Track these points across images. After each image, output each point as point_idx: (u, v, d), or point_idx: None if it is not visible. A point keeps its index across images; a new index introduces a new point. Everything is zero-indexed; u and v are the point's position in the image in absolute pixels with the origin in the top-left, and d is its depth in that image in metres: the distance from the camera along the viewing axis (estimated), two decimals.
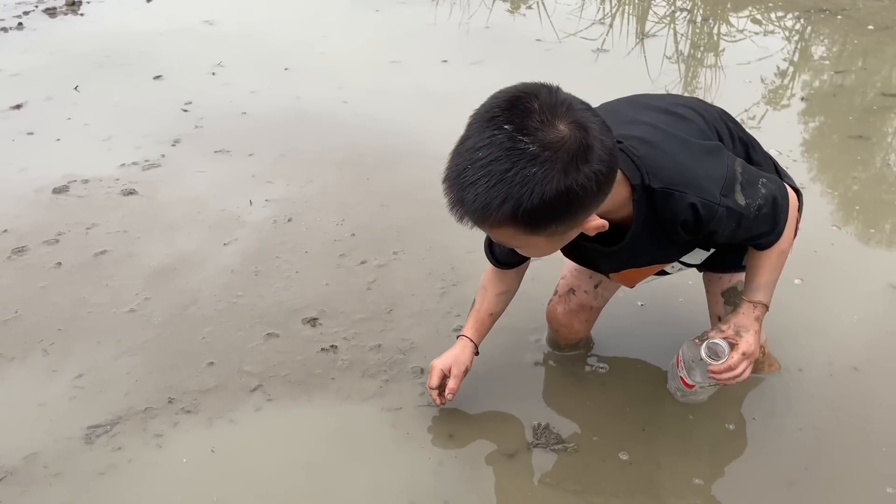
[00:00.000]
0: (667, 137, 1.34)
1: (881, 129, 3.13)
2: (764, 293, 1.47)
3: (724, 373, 1.42)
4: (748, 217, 1.33)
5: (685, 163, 1.31)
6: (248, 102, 3.34)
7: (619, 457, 1.64)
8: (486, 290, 1.69)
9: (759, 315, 1.46)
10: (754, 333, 1.44)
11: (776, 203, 1.37)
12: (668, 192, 1.27)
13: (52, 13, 4.54)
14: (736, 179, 1.31)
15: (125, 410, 1.77)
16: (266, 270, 2.26)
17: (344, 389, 1.83)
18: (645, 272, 1.55)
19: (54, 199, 2.63)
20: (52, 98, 3.41)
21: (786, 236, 1.43)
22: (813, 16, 4.40)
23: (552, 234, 1.14)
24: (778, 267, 1.47)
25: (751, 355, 1.43)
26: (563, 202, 1.07)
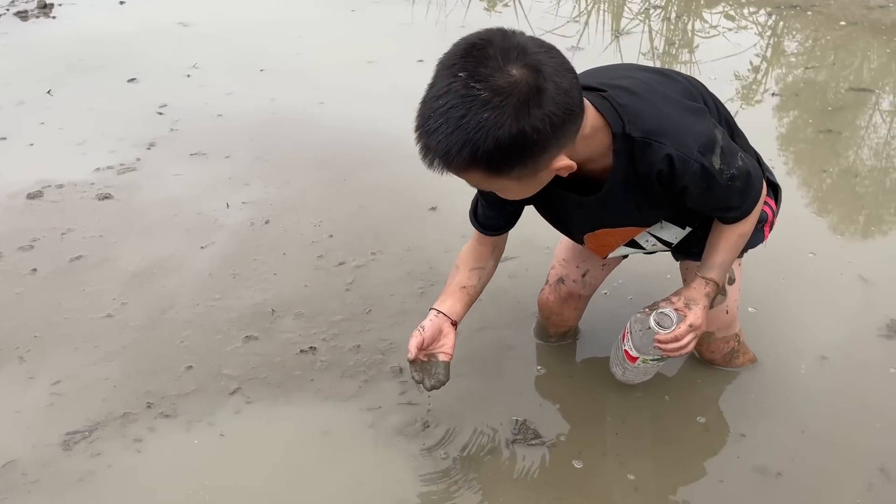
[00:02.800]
0: (652, 90, 1.37)
1: (852, 123, 3.19)
2: (717, 272, 1.48)
3: (671, 343, 1.43)
4: (720, 183, 1.33)
5: (667, 115, 1.32)
6: (224, 104, 3.32)
7: (597, 452, 1.66)
8: (458, 267, 1.64)
9: (710, 292, 1.47)
10: (703, 308, 1.45)
11: (749, 180, 1.38)
12: (647, 141, 1.29)
13: (23, 16, 4.48)
14: (716, 142, 1.32)
15: (103, 416, 1.77)
16: (244, 273, 2.26)
17: (323, 390, 1.83)
18: (617, 236, 1.54)
19: (28, 205, 2.60)
20: (24, 102, 3.37)
21: (750, 219, 1.45)
22: (784, 11, 4.46)
23: (520, 176, 1.19)
24: (735, 248, 1.49)
25: (697, 328, 1.44)
26: (518, 145, 1.11)
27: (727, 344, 1.77)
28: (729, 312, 1.70)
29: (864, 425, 1.72)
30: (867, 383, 1.83)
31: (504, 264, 2.24)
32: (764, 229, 1.64)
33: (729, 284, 1.65)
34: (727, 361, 1.81)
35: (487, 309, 2.08)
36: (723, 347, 1.78)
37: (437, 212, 2.53)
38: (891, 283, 2.16)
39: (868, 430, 1.70)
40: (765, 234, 1.65)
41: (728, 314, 1.71)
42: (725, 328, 1.74)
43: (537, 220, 1.74)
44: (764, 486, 1.58)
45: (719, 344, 1.77)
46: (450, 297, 1.61)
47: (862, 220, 2.55)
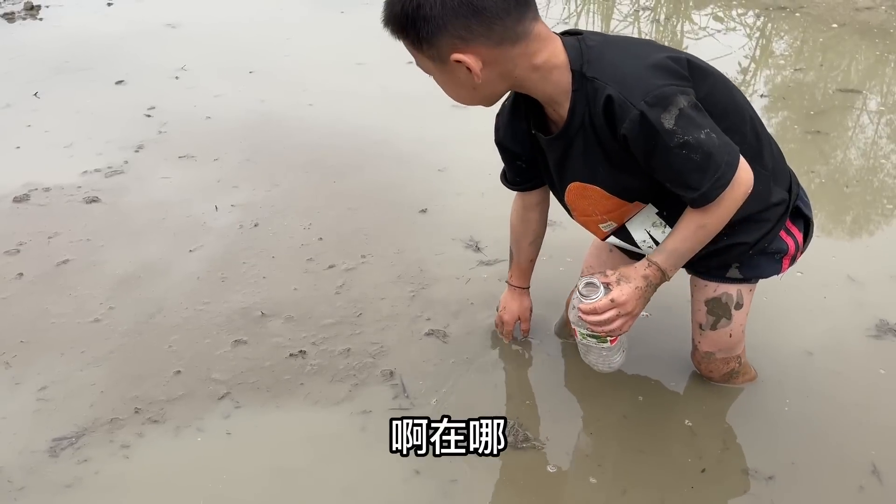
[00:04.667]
0: (627, 43, 1.39)
1: (840, 124, 3.21)
2: (665, 258, 1.42)
3: (590, 315, 1.40)
4: (668, 145, 1.27)
5: (626, 64, 1.31)
6: (213, 106, 3.31)
7: (587, 455, 1.66)
8: (519, 243, 1.81)
9: (650, 275, 1.41)
10: (634, 288, 1.40)
11: (711, 159, 1.29)
12: (596, 81, 1.31)
13: (10, 18, 4.45)
14: (674, 104, 1.26)
15: (91, 422, 1.75)
16: (233, 276, 2.24)
17: (313, 394, 1.82)
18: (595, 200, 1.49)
19: (14, 209, 2.58)
20: (11, 105, 3.35)
21: (714, 212, 1.35)
22: (773, 13, 4.49)
23: (433, 57, 1.30)
24: (692, 239, 1.40)
25: (620, 305, 1.39)
26: (416, 12, 1.25)
27: (727, 365, 1.73)
28: (732, 336, 1.66)
29: (855, 427, 1.72)
30: (856, 384, 1.84)
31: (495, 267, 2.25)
32: (783, 261, 1.58)
33: (735, 309, 1.62)
34: (726, 380, 1.78)
35: (479, 311, 2.08)
36: (721, 367, 1.73)
37: (428, 214, 2.52)
38: (879, 283, 2.17)
39: (858, 432, 1.71)
40: (783, 265, 1.59)
41: (731, 338, 1.66)
42: (727, 350, 1.70)
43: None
44: (756, 489, 1.58)
45: (718, 364, 1.73)
46: (525, 273, 1.87)
47: (850, 221, 2.56)
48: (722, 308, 1.62)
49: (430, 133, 2.99)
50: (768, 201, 1.49)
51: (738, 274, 1.58)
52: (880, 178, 2.86)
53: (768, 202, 1.49)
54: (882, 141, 3.11)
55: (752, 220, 1.49)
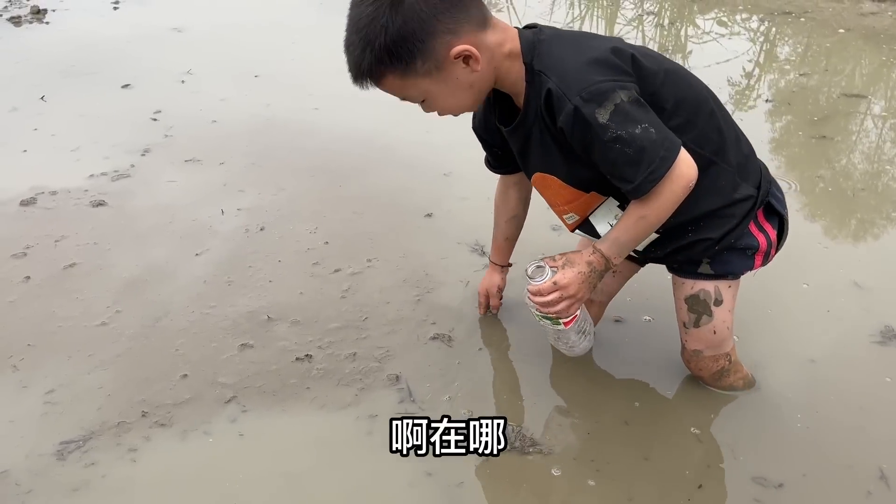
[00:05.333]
0: (576, 38, 1.46)
1: (844, 129, 3.20)
2: (608, 246, 1.46)
3: (536, 296, 1.47)
4: (601, 139, 1.32)
5: (569, 59, 1.37)
6: (219, 110, 3.32)
7: (593, 460, 1.66)
8: (498, 218, 1.88)
9: (593, 262, 1.46)
10: (577, 273, 1.45)
11: (644, 154, 1.32)
12: (541, 74, 1.37)
13: (16, 22, 4.47)
14: (609, 99, 1.31)
15: (98, 425, 1.75)
16: (239, 280, 2.25)
17: (319, 399, 1.82)
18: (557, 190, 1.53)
19: (21, 212, 2.59)
20: (17, 108, 3.36)
21: (653, 204, 1.38)
22: (777, 17, 4.49)
23: (429, 71, 1.32)
24: (633, 230, 1.44)
25: (563, 288, 1.45)
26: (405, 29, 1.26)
27: (716, 363, 1.73)
28: (716, 333, 1.67)
29: (861, 433, 1.72)
30: (862, 390, 1.83)
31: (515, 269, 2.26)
32: (755, 257, 1.61)
33: (715, 305, 1.63)
34: (717, 379, 1.77)
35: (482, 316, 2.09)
36: (711, 366, 1.73)
37: (433, 218, 2.52)
38: (885, 289, 2.17)
39: (865, 438, 1.70)
40: (755, 261, 1.62)
41: (715, 334, 1.67)
42: (714, 347, 1.70)
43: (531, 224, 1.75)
44: (765, 497, 1.57)
45: (707, 362, 1.73)
46: (502, 250, 1.94)
47: (855, 226, 2.56)
48: (701, 305, 1.64)
49: (436, 137, 2.99)
50: (732, 197, 1.52)
51: (709, 270, 1.61)
52: (885, 183, 2.86)
53: (732, 198, 1.52)
54: (887, 146, 3.11)
55: (717, 216, 1.52)
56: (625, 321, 2.05)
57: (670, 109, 1.41)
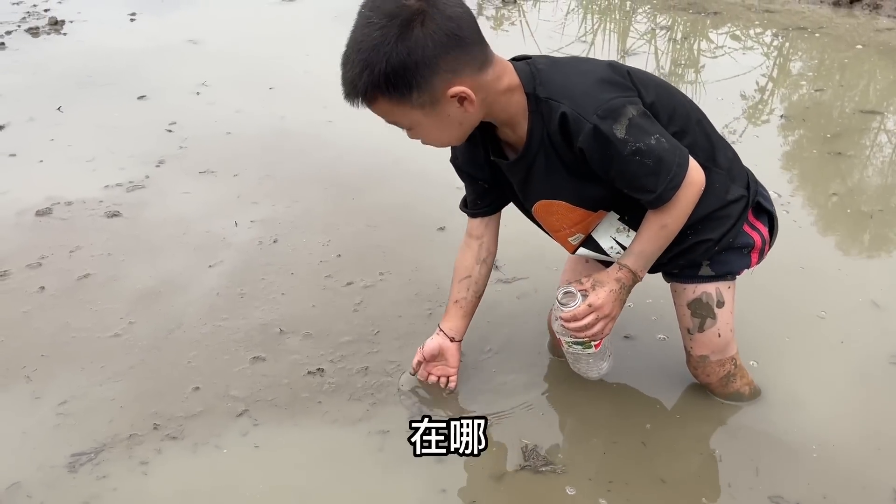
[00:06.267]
0: (572, 64, 1.47)
1: (861, 146, 3.18)
2: (634, 260, 1.49)
3: (570, 322, 1.47)
4: (621, 153, 1.35)
5: (575, 83, 1.40)
6: (233, 122, 3.34)
7: (608, 479, 1.64)
8: (452, 280, 1.79)
9: (622, 278, 1.48)
10: (609, 291, 1.47)
11: (662, 163, 1.37)
12: (550, 101, 1.38)
13: (34, 33, 4.53)
14: (623, 114, 1.35)
15: (110, 438, 1.75)
16: (252, 292, 2.25)
17: (331, 413, 1.82)
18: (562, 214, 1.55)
19: (37, 222, 2.61)
20: (34, 119, 3.40)
21: (672, 213, 1.44)
22: (791, 33, 4.47)
23: (422, 104, 1.31)
24: (656, 240, 1.48)
25: (598, 309, 1.46)
26: (406, 62, 1.25)
27: (722, 367, 1.74)
28: (721, 336, 1.68)
29: (877, 453, 1.70)
30: (879, 412, 1.81)
31: (513, 285, 2.26)
32: (751, 255, 1.64)
33: (718, 307, 1.64)
34: (724, 385, 1.77)
35: (495, 330, 2.08)
36: (718, 371, 1.74)
37: (446, 232, 2.52)
38: None
39: (881, 458, 1.68)
40: (752, 259, 1.65)
41: (720, 338, 1.68)
42: (719, 351, 1.71)
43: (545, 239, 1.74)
44: None
45: (714, 367, 1.73)
46: (449, 314, 1.78)
47: (873, 245, 2.53)
48: (704, 308, 1.64)
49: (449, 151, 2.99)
50: (726, 198, 1.56)
51: (709, 271, 1.62)
52: None
53: (726, 199, 1.56)
54: None
55: (715, 218, 1.56)
56: (635, 338, 2.04)
57: (665, 119, 1.46)
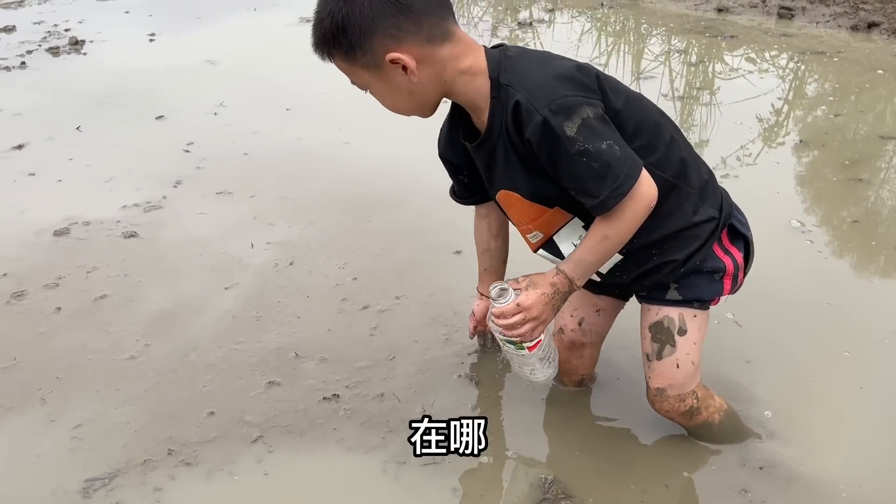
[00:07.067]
0: (542, 56, 1.46)
1: (879, 171, 3.15)
2: (573, 267, 1.45)
3: (499, 318, 1.44)
4: (568, 151, 1.33)
5: (537, 75, 1.39)
6: (250, 143, 3.35)
7: None
8: (476, 250, 1.86)
9: (557, 283, 1.44)
10: (540, 294, 1.43)
11: (610, 169, 1.33)
12: (509, 88, 1.38)
13: (55, 52, 4.58)
14: (577, 113, 1.32)
15: (124, 463, 1.74)
16: (267, 315, 2.24)
17: (346, 440, 1.80)
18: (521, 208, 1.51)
19: (55, 242, 2.62)
20: (53, 138, 3.42)
21: (616, 223, 1.39)
22: (808, 57, 4.46)
23: (368, 66, 1.35)
24: (597, 250, 1.43)
25: (526, 309, 1.42)
26: (346, 22, 1.31)
27: (682, 402, 1.64)
28: (680, 367, 1.59)
29: None
30: None
31: None
32: (724, 281, 1.57)
33: (679, 335, 1.57)
34: (688, 419, 1.69)
35: None
36: (677, 406, 1.64)
37: (462, 255, 2.51)
38: None
39: None
40: (724, 286, 1.58)
41: (678, 369, 1.59)
42: (678, 386, 1.62)
43: None
44: None
45: (672, 402, 1.64)
46: (483, 280, 1.88)
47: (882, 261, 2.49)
48: (664, 333, 1.59)
49: None
50: (693, 219, 1.52)
51: (677, 295, 1.57)
52: None
53: (693, 220, 1.52)
54: None
55: (680, 237, 1.52)
56: None
57: (631, 132, 1.43)
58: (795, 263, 2.43)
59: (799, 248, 2.52)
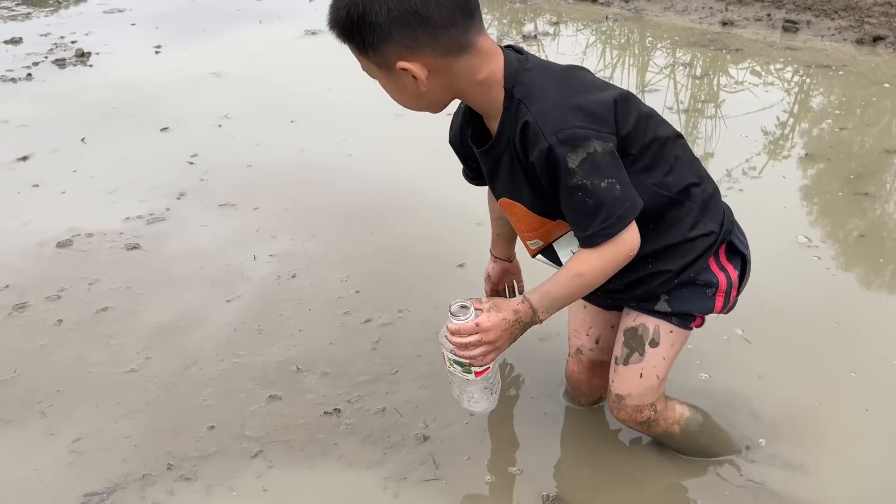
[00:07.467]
0: (563, 74, 1.41)
1: (883, 184, 3.13)
2: (539, 299, 1.40)
3: (454, 336, 1.39)
4: (566, 183, 1.31)
5: (552, 95, 1.35)
6: (254, 155, 3.35)
7: None
8: (489, 216, 1.84)
9: (520, 311, 1.39)
10: (501, 319, 1.38)
11: (602, 208, 1.32)
12: (521, 106, 1.35)
13: (61, 64, 4.61)
14: (583, 146, 1.30)
15: (123, 477, 1.73)
16: (269, 328, 2.23)
17: (347, 456, 1.78)
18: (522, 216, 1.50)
19: (57, 254, 2.61)
20: (58, 150, 3.43)
21: (594, 262, 1.37)
22: (813, 70, 4.45)
23: (378, 63, 1.32)
24: (567, 286, 1.40)
25: (484, 331, 1.37)
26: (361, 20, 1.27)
27: (640, 413, 1.62)
28: (643, 377, 1.57)
29: None
30: None
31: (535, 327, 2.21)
32: (716, 297, 1.55)
33: (650, 346, 1.55)
34: (647, 429, 1.68)
35: (517, 373, 2.04)
36: (634, 415, 1.62)
37: (465, 269, 2.50)
38: None
39: None
40: (716, 302, 1.55)
41: (641, 379, 1.58)
42: (638, 396, 1.60)
43: None
44: None
45: (630, 411, 1.62)
46: (496, 244, 1.87)
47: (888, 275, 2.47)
48: (636, 340, 1.57)
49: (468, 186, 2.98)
50: (692, 233, 1.49)
51: (666, 307, 1.54)
52: None
53: (693, 234, 1.49)
54: None
55: (677, 249, 1.49)
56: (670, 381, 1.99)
57: (636, 153, 1.41)
58: (803, 280, 2.41)
59: (807, 264, 2.50)
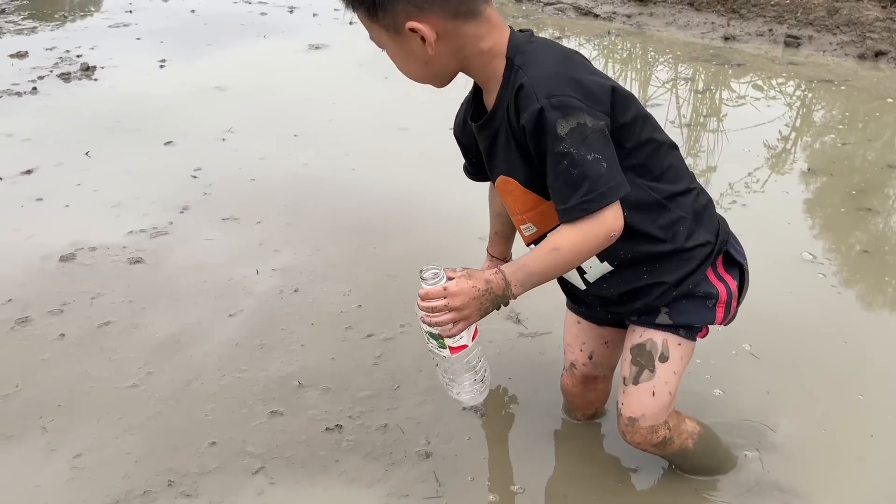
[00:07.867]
0: (567, 52, 1.42)
1: (886, 199, 3.13)
2: (513, 271, 1.37)
3: (423, 301, 1.36)
4: (552, 149, 1.30)
5: (552, 63, 1.36)
6: (257, 169, 3.36)
7: None
8: (489, 213, 1.84)
9: (492, 280, 1.35)
10: (471, 287, 1.34)
11: (585, 181, 1.29)
12: (519, 71, 1.35)
13: (66, 78, 4.63)
14: (574, 116, 1.29)
15: (123, 494, 1.72)
16: (271, 343, 2.23)
17: (348, 473, 1.77)
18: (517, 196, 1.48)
19: (61, 268, 2.62)
20: (62, 163, 3.44)
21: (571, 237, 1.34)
22: (815, 85, 4.46)
23: (387, 28, 1.33)
24: (542, 260, 1.37)
25: (451, 296, 1.34)
26: None
27: (655, 434, 1.57)
28: (656, 396, 1.53)
29: None
30: None
31: (535, 339, 2.21)
32: (716, 308, 1.53)
33: (660, 361, 1.52)
34: (662, 450, 1.63)
35: (516, 388, 2.03)
36: (649, 437, 1.57)
37: None
38: None
39: None
40: (717, 314, 1.53)
41: (654, 398, 1.53)
42: (652, 416, 1.55)
43: None
44: None
45: (645, 433, 1.56)
46: (493, 242, 1.88)
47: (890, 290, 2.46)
48: (645, 356, 1.53)
49: (472, 200, 2.95)
50: (686, 243, 1.47)
51: (668, 319, 1.52)
52: None
53: (686, 244, 1.47)
54: None
55: (672, 260, 1.48)
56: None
57: (630, 149, 1.40)
58: (809, 297, 2.41)
59: (812, 281, 2.49)
